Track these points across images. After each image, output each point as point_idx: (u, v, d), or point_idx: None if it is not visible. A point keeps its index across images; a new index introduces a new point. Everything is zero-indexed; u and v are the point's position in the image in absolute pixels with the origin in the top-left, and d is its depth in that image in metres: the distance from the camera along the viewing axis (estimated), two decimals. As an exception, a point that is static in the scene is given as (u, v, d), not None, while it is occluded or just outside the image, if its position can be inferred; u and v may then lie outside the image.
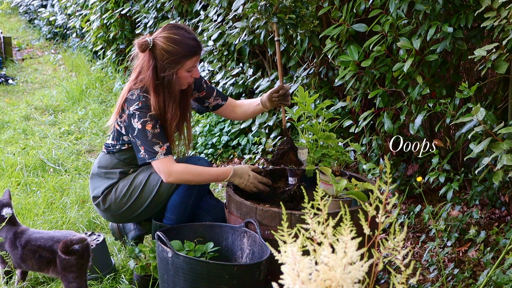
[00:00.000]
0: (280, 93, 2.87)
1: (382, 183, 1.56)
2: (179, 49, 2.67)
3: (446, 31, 2.77)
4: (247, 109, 3.09)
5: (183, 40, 2.69)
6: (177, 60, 2.68)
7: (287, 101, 2.89)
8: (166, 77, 2.69)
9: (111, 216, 2.89)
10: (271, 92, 2.90)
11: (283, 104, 2.89)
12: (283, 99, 2.88)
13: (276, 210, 2.53)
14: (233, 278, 2.30)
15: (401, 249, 1.50)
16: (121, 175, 2.86)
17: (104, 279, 2.76)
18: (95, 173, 2.91)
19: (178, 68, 2.69)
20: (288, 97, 2.89)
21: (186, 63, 2.70)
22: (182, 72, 2.72)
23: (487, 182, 2.91)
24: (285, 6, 2.51)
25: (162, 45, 2.68)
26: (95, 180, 2.90)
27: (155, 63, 2.69)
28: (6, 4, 13.91)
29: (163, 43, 2.68)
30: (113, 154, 2.86)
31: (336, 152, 2.91)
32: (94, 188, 2.90)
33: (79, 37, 9.19)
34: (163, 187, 2.79)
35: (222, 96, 3.06)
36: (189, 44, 2.70)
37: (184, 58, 2.69)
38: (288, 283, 1.43)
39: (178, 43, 2.68)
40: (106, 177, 2.87)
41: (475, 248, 2.84)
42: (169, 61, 2.67)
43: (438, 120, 3.16)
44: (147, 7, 6.09)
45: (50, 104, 6.28)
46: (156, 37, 2.71)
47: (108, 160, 2.88)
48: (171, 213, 2.81)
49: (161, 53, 2.68)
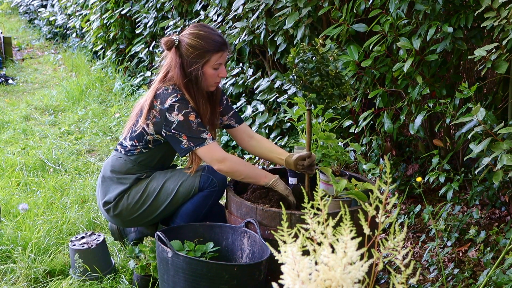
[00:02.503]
0: (306, 163, 2.72)
1: (382, 183, 1.56)
2: (204, 44, 2.68)
3: (446, 31, 2.77)
4: (266, 153, 2.95)
5: (208, 35, 2.70)
6: (202, 54, 2.68)
7: (311, 171, 2.74)
8: (193, 72, 2.68)
9: (120, 221, 2.86)
10: (297, 157, 2.75)
11: (308, 173, 2.75)
12: (308, 168, 2.73)
13: (276, 210, 2.53)
14: (233, 278, 2.30)
15: (401, 249, 1.50)
16: (134, 181, 2.80)
17: (104, 279, 2.76)
18: (107, 176, 2.83)
19: (203, 62, 2.68)
20: (313, 167, 2.75)
21: (212, 58, 2.69)
22: (208, 69, 2.70)
23: (487, 182, 2.91)
24: (313, 83, 2.49)
25: (187, 41, 2.69)
26: (107, 184, 2.83)
27: (181, 61, 2.70)
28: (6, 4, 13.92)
29: (189, 38, 2.69)
30: (129, 157, 2.80)
31: (336, 152, 2.91)
32: (105, 193, 2.83)
33: (79, 37, 9.20)
34: (179, 194, 2.76)
35: (237, 119, 2.98)
36: (214, 39, 2.70)
37: (209, 53, 2.68)
38: (288, 283, 1.43)
39: (203, 37, 2.69)
40: (118, 182, 2.81)
41: (475, 248, 2.84)
42: (194, 55, 2.67)
43: (438, 120, 3.16)
44: (147, 7, 6.09)
45: (50, 104, 6.28)
46: (181, 35, 2.74)
47: (122, 164, 2.81)
48: (182, 220, 2.79)
49: (186, 49, 2.68)
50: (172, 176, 2.79)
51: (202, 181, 2.76)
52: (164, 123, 2.67)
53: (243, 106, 4.50)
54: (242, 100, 4.57)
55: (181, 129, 2.65)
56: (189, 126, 2.65)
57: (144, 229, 2.99)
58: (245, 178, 2.73)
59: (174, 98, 2.66)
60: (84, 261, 2.74)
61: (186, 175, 2.78)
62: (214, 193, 2.77)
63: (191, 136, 2.65)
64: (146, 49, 6.30)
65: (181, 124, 2.64)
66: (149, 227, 2.97)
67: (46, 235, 3.10)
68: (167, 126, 2.67)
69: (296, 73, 2.52)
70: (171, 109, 2.65)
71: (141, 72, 6.58)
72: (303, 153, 2.73)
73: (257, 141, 2.98)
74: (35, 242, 2.99)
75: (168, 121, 2.66)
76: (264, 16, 4.06)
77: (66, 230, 3.24)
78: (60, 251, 3.01)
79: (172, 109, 2.65)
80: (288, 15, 3.68)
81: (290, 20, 3.63)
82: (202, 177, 2.76)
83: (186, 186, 2.76)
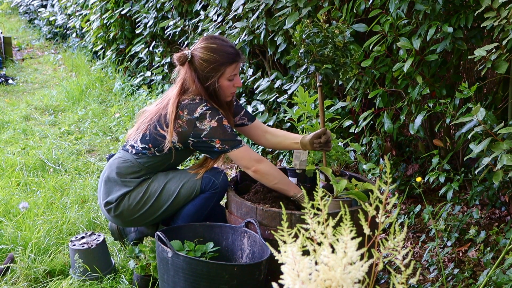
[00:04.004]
0: (322, 140, 2.76)
1: (382, 183, 1.56)
2: (217, 57, 2.68)
3: (446, 31, 2.77)
4: (282, 140, 2.97)
5: (221, 48, 2.70)
6: (216, 68, 2.68)
7: (328, 147, 2.78)
8: (210, 86, 2.69)
9: (121, 221, 2.85)
10: (312, 136, 2.78)
11: (325, 150, 2.79)
12: (325, 145, 2.77)
13: (276, 210, 2.53)
14: (233, 278, 2.30)
15: (401, 249, 1.50)
16: (139, 183, 2.79)
17: (104, 279, 2.76)
18: (111, 178, 2.81)
19: (218, 76, 2.69)
20: (330, 143, 2.78)
21: (226, 71, 2.70)
22: (224, 81, 2.71)
23: (487, 182, 2.91)
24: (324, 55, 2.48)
25: (200, 55, 2.68)
26: (110, 185, 2.81)
27: (197, 75, 2.70)
28: (6, 4, 13.93)
29: (201, 53, 2.69)
30: (137, 160, 2.77)
31: (336, 152, 2.91)
32: (108, 193, 2.81)
33: (79, 37, 9.20)
34: (180, 196, 2.76)
35: (249, 116, 3.00)
36: (227, 51, 2.70)
37: (223, 66, 2.68)
38: (288, 283, 1.43)
39: (216, 50, 2.68)
40: (123, 184, 2.79)
41: (475, 248, 2.84)
42: (209, 69, 2.67)
43: (438, 120, 3.16)
44: (147, 7, 6.09)
45: (50, 104, 6.28)
46: (194, 49, 2.73)
47: (128, 168, 2.79)
48: (183, 221, 2.78)
49: (200, 63, 2.68)
50: (174, 178, 2.78)
51: (203, 183, 2.76)
52: (193, 132, 2.67)
53: (243, 106, 4.50)
54: (242, 100, 4.57)
55: (214, 134, 2.66)
56: (224, 130, 2.66)
57: (144, 229, 2.99)
58: (277, 184, 2.71)
59: (205, 108, 2.66)
60: (84, 261, 2.74)
61: (188, 177, 2.77)
62: (215, 195, 2.77)
63: (226, 139, 2.67)
64: (146, 49, 6.30)
65: (215, 130, 2.65)
66: (150, 227, 2.97)
67: (46, 235, 3.10)
68: (196, 135, 2.67)
69: (305, 48, 2.50)
70: (202, 118, 2.65)
71: (141, 72, 6.58)
72: (318, 130, 2.77)
73: (271, 133, 3.02)
74: (35, 242, 2.99)
75: (198, 129, 2.66)
76: (264, 16, 4.06)
77: (66, 230, 3.24)
78: (60, 251, 3.01)
79: (204, 118, 2.65)
80: (288, 15, 3.68)
81: (290, 20, 3.63)
82: (204, 179, 2.76)
83: (188, 188, 2.76)
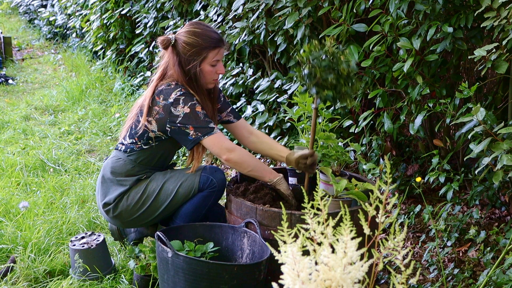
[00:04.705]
0: (308, 162, 2.68)
1: (382, 183, 1.56)
2: (200, 41, 2.69)
3: (446, 31, 2.77)
4: (266, 149, 2.91)
5: (205, 32, 2.72)
6: (198, 52, 2.69)
7: (312, 170, 2.71)
8: (191, 70, 2.70)
9: (120, 222, 2.85)
10: (300, 155, 2.70)
11: (308, 172, 2.72)
12: (310, 167, 2.70)
13: (276, 210, 2.53)
14: (233, 278, 2.30)
15: (401, 249, 1.50)
16: (134, 182, 2.79)
17: (104, 279, 2.76)
18: (107, 178, 2.82)
19: (200, 59, 2.70)
20: (314, 166, 2.72)
21: (209, 55, 2.70)
22: (206, 66, 2.71)
23: (487, 182, 2.91)
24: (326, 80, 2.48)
25: (183, 39, 2.70)
26: (107, 186, 2.82)
27: (179, 59, 2.71)
28: (6, 4, 13.93)
29: (185, 36, 2.71)
30: (128, 157, 2.79)
31: (336, 152, 2.91)
32: (105, 194, 2.82)
33: (79, 37, 9.20)
34: (179, 195, 2.76)
35: (235, 114, 2.98)
36: (210, 36, 2.71)
37: (206, 50, 2.70)
38: (288, 283, 1.43)
39: (199, 35, 2.70)
40: (118, 184, 2.79)
41: (475, 248, 2.84)
42: (191, 53, 2.69)
43: (438, 120, 3.16)
44: (147, 7, 6.10)
45: (50, 104, 6.28)
46: (178, 34, 2.75)
47: (122, 166, 2.80)
48: (182, 220, 2.78)
49: (183, 47, 2.70)
50: (172, 177, 2.79)
51: (201, 181, 2.76)
52: (169, 118, 2.67)
53: (243, 106, 4.50)
54: (242, 100, 4.57)
55: (187, 121, 2.65)
56: (196, 117, 2.65)
57: (144, 229, 2.99)
58: (252, 171, 2.71)
59: (179, 92, 2.66)
60: (84, 261, 2.74)
61: (186, 176, 2.78)
62: (213, 193, 2.77)
63: (199, 126, 2.65)
64: (146, 49, 6.30)
65: (188, 116, 2.64)
66: (149, 228, 2.97)
67: (46, 235, 3.10)
68: (172, 120, 2.66)
69: (310, 70, 2.50)
70: (176, 103, 2.65)
71: (141, 72, 6.58)
72: (306, 151, 2.70)
73: (257, 137, 2.96)
74: (35, 242, 2.99)
75: (173, 115, 2.65)
76: (264, 16, 4.06)
77: (66, 230, 3.24)
78: (60, 251, 3.01)
79: (178, 103, 2.65)
80: (288, 15, 3.68)
81: (290, 20, 3.63)
82: (202, 178, 2.76)
83: (186, 187, 2.76)
